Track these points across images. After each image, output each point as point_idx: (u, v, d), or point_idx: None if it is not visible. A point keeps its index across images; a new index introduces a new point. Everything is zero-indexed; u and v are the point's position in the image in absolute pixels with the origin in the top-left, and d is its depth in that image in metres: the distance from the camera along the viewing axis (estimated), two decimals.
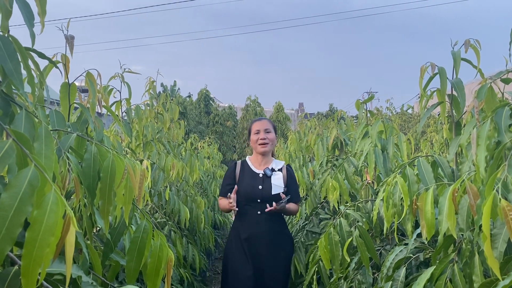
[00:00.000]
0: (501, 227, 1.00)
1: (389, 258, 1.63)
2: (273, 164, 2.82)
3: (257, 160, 2.83)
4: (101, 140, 1.49)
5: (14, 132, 0.73)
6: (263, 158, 2.82)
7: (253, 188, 2.70)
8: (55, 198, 0.69)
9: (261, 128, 2.80)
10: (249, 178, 2.75)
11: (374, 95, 2.83)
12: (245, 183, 2.73)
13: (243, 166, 2.83)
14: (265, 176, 2.74)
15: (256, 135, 2.80)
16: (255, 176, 2.76)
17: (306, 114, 6.80)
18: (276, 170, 2.78)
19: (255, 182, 2.72)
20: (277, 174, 2.75)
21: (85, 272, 1.01)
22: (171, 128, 3.70)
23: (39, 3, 1.03)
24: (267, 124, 2.83)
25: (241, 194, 2.71)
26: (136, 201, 1.17)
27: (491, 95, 1.33)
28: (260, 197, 2.68)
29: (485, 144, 1.10)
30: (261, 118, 2.92)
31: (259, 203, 2.67)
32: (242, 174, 2.79)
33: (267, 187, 2.69)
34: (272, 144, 2.82)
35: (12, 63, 0.86)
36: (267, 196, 2.67)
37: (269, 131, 2.81)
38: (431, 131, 8.06)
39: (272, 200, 2.65)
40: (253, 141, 2.82)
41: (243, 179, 2.76)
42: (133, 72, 2.51)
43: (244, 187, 2.71)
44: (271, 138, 2.81)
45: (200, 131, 17.97)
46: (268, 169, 2.75)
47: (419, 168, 1.53)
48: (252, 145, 2.85)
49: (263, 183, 2.72)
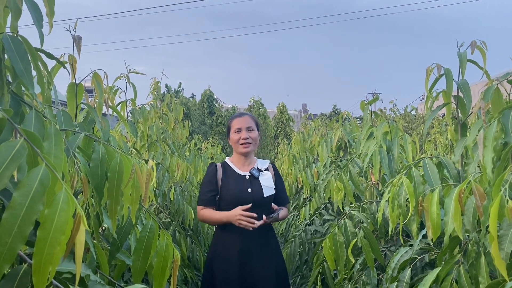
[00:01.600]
0: (508, 228, 1.00)
1: (394, 259, 1.62)
2: (258, 164, 2.51)
3: (240, 161, 2.50)
4: (107, 140, 1.50)
5: (25, 132, 0.74)
6: (246, 159, 2.50)
7: (242, 192, 2.37)
8: (65, 197, 0.69)
9: (242, 125, 2.45)
10: (235, 182, 2.41)
11: (378, 96, 2.83)
12: (231, 187, 2.39)
13: (224, 169, 2.48)
14: (253, 178, 2.42)
15: (237, 133, 2.46)
16: (241, 178, 2.43)
17: (310, 115, 6.79)
18: (263, 169, 2.49)
19: (243, 185, 2.40)
20: (265, 174, 2.46)
21: (92, 271, 1.01)
22: (176, 128, 3.72)
23: (48, 4, 1.04)
24: (249, 121, 2.48)
25: (228, 200, 2.37)
26: (142, 201, 1.18)
27: (497, 97, 1.33)
28: (251, 201, 2.34)
29: (492, 145, 1.11)
30: (242, 114, 2.56)
31: (250, 208, 2.33)
32: (225, 177, 2.44)
33: (257, 189, 2.39)
34: (256, 144, 2.50)
35: (22, 64, 0.87)
36: (259, 200, 2.37)
37: (252, 129, 2.46)
38: (435, 132, 8.04)
39: (264, 203, 2.37)
40: (234, 140, 2.47)
41: (228, 183, 2.41)
42: (138, 72, 2.52)
43: (231, 192, 2.38)
44: (254, 137, 2.47)
45: (204, 131, 17.99)
46: (254, 169, 2.44)
47: (424, 169, 1.53)
48: (233, 145, 2.51)
49: (251, 185, 2.40)
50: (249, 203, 2.31)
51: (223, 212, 2.33)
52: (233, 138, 2.47)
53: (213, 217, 2.36)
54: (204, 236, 3.80)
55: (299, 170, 4.15)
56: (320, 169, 3.54)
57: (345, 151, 3.31)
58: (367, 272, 2.02)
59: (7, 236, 0.65)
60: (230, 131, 2.50)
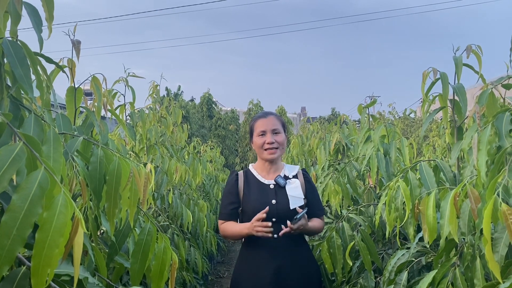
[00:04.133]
0: (502, 231, 1.01)
1: (391, 262, 1.64)
2: (285, 171, 2.18)
3: (265, 168, 2.18)
4: (106, 143, 1.51)
5: (24, 136, 0.74)
6: (271, 165, 2.18)
7: (265, 204, 2.04)
8: (64, 200, 0.70)
9: (267, 128, 2.13)
10: (258, 192, 2.11)
11: (376, 100, 2.85)
12: (253, 198, 2.09)
13: (247, 177, 2.19)
14: (278, 187, 2.10)
15: (261, 137, 2.13)
16: (265, 188, 2.12)
17: (309, 118, 6.81)
18: (290, 177, 2.15)
19: (267, 196, 2.09)
20: (292, 182, 2.12)
21: (91, 274, 1.02)
22: (174, 131, 3.73)
23: (47, 8, 1.05)
24: (274, 123, 2.16)
25: (249, 214, 2.04)
26: (141, 204, 1.19)
27: (492, 101, 1.34)
28: (276, 214, 2.03)
29: (486, 149, 1.12)
30: (267, 114, 2.21)
31: (274, 223, 1.99)
32: (247, 187, 2.14)
33: (283, 200, 2.06)
34: (283, 149, 2.17)
35: (22, 68, 0.88)
36: (284, 213, 2.03)
37: (278, 132, 2.14)
38: (433, 135, 8.07)
39: (291, 216, 2.01)
40: (258, 145, 2.14)
41: (250, 194, 2.11)
42: (137, 76, 2.54)
43: (253, 204, 2.07)
44: (281, 141, 2.14)
45: (203, 134, 18.00)
46: (280, 177, 2.12)
47: (421, 173, 1.54)
48: (256, 150, 2.18)
49: (276, 196, 2.08)
50: (273, 217, 2.01)
51: (242, 224, 2.07)
52: (256, 142, 2.15)
53: (234, 230, 2.08)
54: (202, 239, 3.81)
55: None
56: (318, 172, 3.55)
57: (343, 154, 3.32)
58: (364, 275, 2.03)
59: (6, 238, 0.66)
60: (253, 134, 2.19)
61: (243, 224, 2.05)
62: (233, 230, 2.08)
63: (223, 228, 2.13)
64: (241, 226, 2.04)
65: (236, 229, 2.07)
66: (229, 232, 2.09)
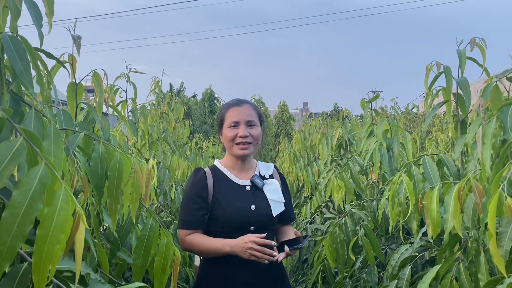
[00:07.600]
0: (507, 225, 1.00)
1: (395, 257, 1.63)
2: (260, 169, 1.82)
3: (236, 166, 1.77)
4: (107, 139, 1.51)
5: (25, 131, 0.74)
6: (244, 163, 1.77)
7: (243, 210, 1.68)
8: (65, 196, 0.70)
9: (241, 119, 1.71)
10: (232, 195, 1.71)
11: (379, 94, 2.83)
12: (227, 203, 1.68)
13: (216, 177, 1.74)
14: (255, 189, 1.74)
15: (233, 129, 1.71)
16: (241, 190, 1.73)
17: (311, 114, 6.80)
18: (267, 177, 1.80)
19: (244, 200, 1.70)
20: (270, 183, 1.77)
21: (93, 270, 1.02)
22: (176, 127, 3.72)
23: (47, 3, 1.04)
24: (250, 113, 1.74)
25: (223, 223, 1.67)
26: (143, 199, 1.18)
27: (496, 94, 1.33)
28: (255, 222, 1.67)
29: (491, 143, 1.11)
30: (242, 101, 1.77)
31: (252, 232, 1.62)
32: (218, 189, 1.71)
33: (263, 205, 1.71)
34: (257, 144, 1.76)
35: (22, 63, 0.87)
36: (265, 220, 1.70)
37: (253, 124, 1.73)
38: (436, 130, 8.04)
39: (271, 225, 1.73)
40: (228, 138, 1.72)
41: (222, 198, 1.69)
42: (139, 72, 2.53)
43: (228, 210, 1.67)
44: (256, 135, 1.73)
45: (205, 130, 18.01)
46: (257, 176, 1.75)
47: (424, 167, 1.53)
48: (225, 144, 1.75)
49: (255, 200, 1.71)
50: (251, 226, 1.66)
51: (224, 240, 1.59)
52: (226, 134, 1.72)
53: (209, 247, 1.61)
54: None
55: (300, 169, 4.15)
56: (321, 167, 3.54)
57: (346, 149, 3.32)
58: (367, 270, 2.03)
59: (7, 234, 0.65)
60: (224, 124, 1.75)
61: (223, 240, 1.60)
62: (207, 246, 1.62)
63: (189, 240, 1.65)
64: (221, 243, 1.59)
65: (212, 245, 1.61)
66: (201, 247, 1.63)
